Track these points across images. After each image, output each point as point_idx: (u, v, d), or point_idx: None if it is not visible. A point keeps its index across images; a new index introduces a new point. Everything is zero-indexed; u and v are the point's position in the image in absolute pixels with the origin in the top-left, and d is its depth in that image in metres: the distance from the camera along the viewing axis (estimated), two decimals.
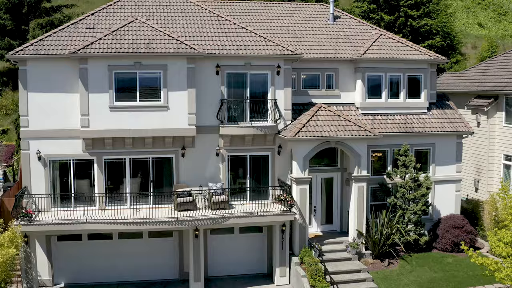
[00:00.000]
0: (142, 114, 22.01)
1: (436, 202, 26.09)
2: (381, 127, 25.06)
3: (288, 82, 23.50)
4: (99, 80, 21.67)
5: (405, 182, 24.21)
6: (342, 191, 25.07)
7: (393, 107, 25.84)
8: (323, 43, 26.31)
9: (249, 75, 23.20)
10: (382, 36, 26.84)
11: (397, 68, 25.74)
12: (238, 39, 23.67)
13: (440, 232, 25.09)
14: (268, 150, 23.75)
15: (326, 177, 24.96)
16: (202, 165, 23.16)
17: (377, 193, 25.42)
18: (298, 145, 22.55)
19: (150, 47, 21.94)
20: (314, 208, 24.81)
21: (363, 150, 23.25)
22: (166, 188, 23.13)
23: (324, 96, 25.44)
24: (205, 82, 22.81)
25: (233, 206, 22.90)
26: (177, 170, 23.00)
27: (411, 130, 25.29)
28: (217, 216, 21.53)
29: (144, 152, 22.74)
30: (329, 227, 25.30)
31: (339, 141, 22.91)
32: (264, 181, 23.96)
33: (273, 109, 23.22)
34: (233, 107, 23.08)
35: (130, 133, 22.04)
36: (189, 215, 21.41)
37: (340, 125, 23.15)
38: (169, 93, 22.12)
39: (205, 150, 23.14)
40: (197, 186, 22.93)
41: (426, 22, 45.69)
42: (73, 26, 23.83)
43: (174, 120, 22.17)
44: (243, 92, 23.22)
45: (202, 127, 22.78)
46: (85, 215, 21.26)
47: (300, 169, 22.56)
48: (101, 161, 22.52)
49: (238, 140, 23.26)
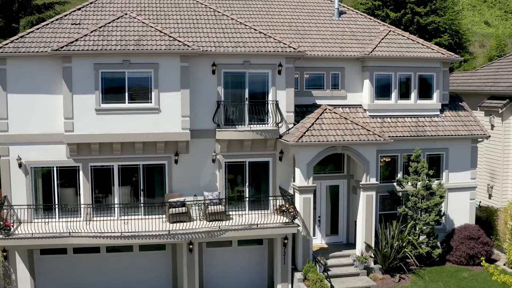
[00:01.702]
0: (132, 117, 20.22)
1: (449, 211, 24.29)
2: (390, 130, 23.24)
3: (291, 82, 21.68)
4: (84, 80, 19.90)
5: (417, 190, 22.37)
6: (348, 200, 23.24)
7: (403, 109, 24.02)
8: (328, 40, 24.47)
9: (248, 75, 21.40)
10: (391, 33, 25.02)
11: (407, 67, 23.93)
12: (236, 36, 21.85)
13: (454, 243, 23.29)
14: (269, 156, 21.94)
15: (331, 184, 23.14)
16: (197, 173, 21.35)
17: (386, 202, 23.59)
18: (301, 151, 20.71)
19: (140, 44, 20.13)
20: (319, 218, 22.99)
21: (372, 156, 21.41)
22: (158, 197, 21.33)
23: (329, 97, 23.61)
24: (200, 82, 21.00)
25: (231, 216, 21.09)
26: (170, 178, 21.20)
27: (423, 134, 23.47)
28: (212, 229, 19.71)
29: (133, 158, 20.94)
30: (334, 238, 23.47)
31: (346, 146, 21.07)
32: (265, 189, 22.16)
33: (274, 112, 21.40)
34: (231, 109, 21.27)
35: (118, 138, 20.25)
36: (182, 228, 19.60)
37: (347, 129, 21.31)
38: (161, 94, 20.32)
39: (200, 156, 21.34)
40: (191, 196, 21.16)
41: (433, 19, 43.87)
42: (58, 22, 22.10)
43: (166, 124, 20.38)
44: (241, 93, 21.42)
45: (197, 131, 20.98)
46: (69, 228, 19.48)
47: (303, 177, 20.73)
48: (87, 168, 20.75)
49: (236, 145, 21.46)
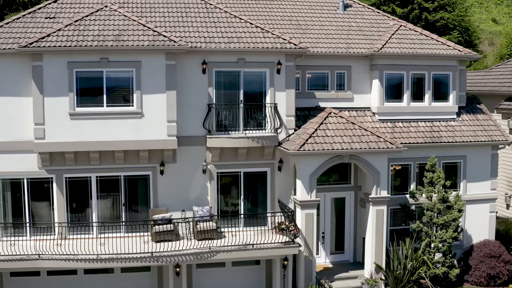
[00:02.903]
0: (111, 123, 17.84)
1: (467, 225, 21.88)
2: (402, 136, 20.82)
3: (291, 82, 19.28)
4: (56, 80, 17.54)
5: (432, 203, 19.95)
6: (356, 214, 20.81)
7: (416, 112, 21.60)
8: (333, 35, 22.03)
9: (243, 74, 19.01)
10: (402, 28, 22.61)
11: (421, 65, 21.52)
12: (229, 30, 19.45)
13: (473, 262, 20.88)
14: (267, 165, 19.52)
15: (336, 197, 20.73)
16: (186, 185, 18.96)
17: (397, 216, 21.18)
18: (303, 161, 18.30)
19: (119, 40, 17.74)
20: (322, 234, 20.59)
21: (383, 166, 18.98)
22: (141, 212, 18.93)
23: (334, 99, 21.18)
24: (188, 82, 18.62)
25: (224, 234, 18.69)
26: (155, 191, 18.80)
27: (439, 140, 21.06)
28: (202, 250, 17.31)
29: (114, 169, 18.55)
30: (340, 257, 21.04)
31: (354, 155, 18.65)
32: (262, 203, 19.75)
33: (273, 116, 19.01)
34: (224, 113, 18.87)
35: (96, 146, 17.87)
36: (168, 249, 17.20)
37: (355, 135, 18.90)
38: (144, 96, 17.94)
39: (189, 166, 18.94)
40: (179, 211, 18.77)
41: (442, 15, 41.57)
42: (30, 15, 19.75)
43: (150, 130, 17.99)
44: (235, 95, 19.03)
45: (185, 138, 18.59)
46: (40, 248, 17.04)
47: (305, 189, 18.32)
48: (61, 180, 18.39)
49: (230, 153, 19.06)
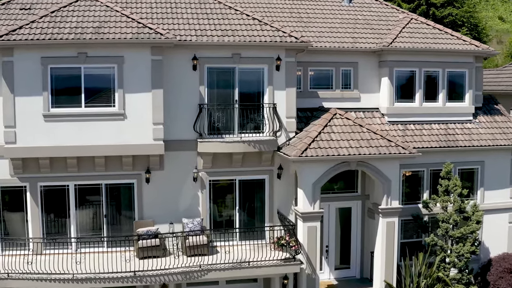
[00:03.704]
0: (90, 125, 15.94)
1: (484, 237, 19.98)
2: (414, 140, 18.91)
3: (292, 80, 17.39)
4: (29, 78, 15.66)
5: (448, 214, 18.03)
6: (363, 225, 18.87)
7: (429, 113, 19.70)
8: (337, 29, 20.13)
9: (238, 71, 17.12)
10: (413, 21, 20.69)
11: (434, 62, 19.62)
12: (223, 22, 17.54)
13: (491, 278, 18.98)
14: (265, 173, 17.62)
15: (341, 207, 18.80)
16: (174, 194, 17.06)
17: (408, 228, 19.27)
18: (305, 168, 16.38)
19: (100, 32, 15.84)
20: (326, 247, 18.67)
21: (394, 174, 17.07)
22: (125, 225, 17.04)
23: (339, 99, 19.27)
24: (177, 80, 16.72)
25: (216, 249, 16.76)
26: (140, 201, 16.90)
27: (455, 144, 19.14)
28: (192, 269, 15.40)
29: (94, 176, 16.66)
30: (345, 272, 19.11)
31: (362, 161, 16.73)
32: (260, 213, 17.84)
33: (271, 117, 17.11)
34: (217, 115, 16.96)
35: (74, 151, 15.98)
36: (153, 266, 15.29)
37: (363, 139, 16.98)
38: (127, 95, 16.04)
39: (178, 174, 17.04)
40: (166, 223, 16.89)
41: (450, 11, 39.70)
42: (4, 6, 17.92)
43: (134, 133, 16.10)
44: (230, 94, 17.14)
45: (174, 142, 16.71)
46: (12, 265, 15.15)
47: (308, 200, 16.40)
48: (35, 189, 16.51)
49: (224, 159, 17.16)
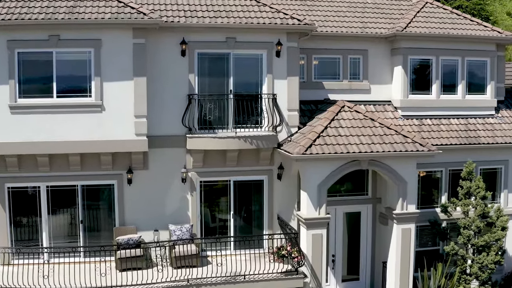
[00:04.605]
0: (63, 118, 13.92)
1: (508, 245, 17.94)
2: (432, 136, 16.89)
3: (294, 68, 15.37)
4: None
5: (470, 220, 15.99)
6: (374, 232, 16.82)
7: (447, 107, 17.69)
8: (345, 13, 18.07)
9: (233, 57, 15.10)
10: (428, 5, 18.65)
11: (453, 49, 17.61)
12: (216, 3, 15.50)
13: None
14: (263, 173, 15.59)
15: (350, 211, 16.76)
16: (160, 197, 15.03)
17: (423, 234, 17.25)
18: (309, 167, 14.33)
19: (74, 12, 13.81)
20: (333, 257, 16.63)
21: (411, 174, 14.99)
22: (104, 232, 15.01)
23: (347, 90, 17.25)
24: (163, 67, 14.70)
25: (208, 260, 14.73)
26: (121, 204, 14.86)
27: (477, 141, 17.11)
28: (178, 284, 13.35)
29: (69, 177, 14.62)
30: (354, 284, 17.06)
31: (374, 160, 14.67)
32: (257, 219, 15.81)
33: (271, 110, 15.07)
34: (208, 107, 14.91)
35: (45, 148, 13.95)
36: (135, 280, 13.24)
37: (375, 135, 14.92)
38: (105, 84, 14.01)
39: (165, 174, 15.01)
40: (151, 230, 14.85)
41: (460, 3, 37.99)
42: None
43: (113, 127, 14.08)
44: (223, 84, 15.12)
45: (159, 138, 14.69)
46: None
47: (312, 204, 14.35)
48: (2, 191, 14.53)
49: (217, 157, 15.14)
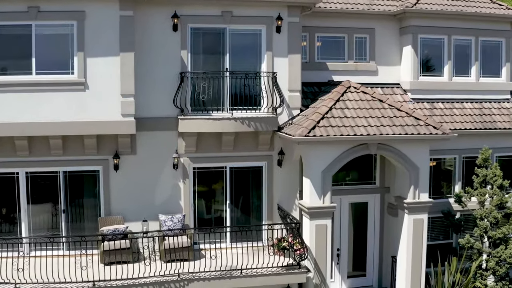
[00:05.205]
0: (43, 97, 12.69)
1: None
2: (445, 120, 15.67)
3: (296, 45, 14.15)
4: None
5: (487, 210, 14.77)
6: (382, 224, 15.59)
7: (460, 90, 16.50)
8: None
9: (229, 33, 13.88)
10: None
11: (466, 28, 16.43)
12: None
13: None
14: (262, 158, 14.37)
15: (356, 201, 15.54)
16: (149, 185, 13.80)
17: (435, 227, 16.04)
18: (313, 151, 13.10)
19: None
20: (338, 251, 15.41)
21: (424, 159, 13.75)
22: (88, 222, 13.77)
23: (353, 71, 16.01)
24: (153, 43, 13.48)
25: (202, 253, 13.50)
26: (106, 192, 13.62)
27: (493, 126, 15.93)
28: (168, 278, 12.12)
29: (49, 162, 13.39)
30: (360, 281, 15.82)
31: (384, 143, 13.45)
32: (256, 209, 14.60)
33: (271, 90, 13.84)
34: (202, 85, 13.67)
35: (23, 130, 12.73)
36: (121, 275, 12.01)
37: (385, 117, 13.69)
38: (88, 60, 12.78)
39: (154, 159, 13.78)
40: (139, 221, 13.62)
41: None
42: None
43: (97, 107, 12.85)
44: (219, 61, 13.89)
45: (148, 120, 13.48)
46: None
47: (316, 192, 13.12)
48: None
49: (211, 141, 13.93)
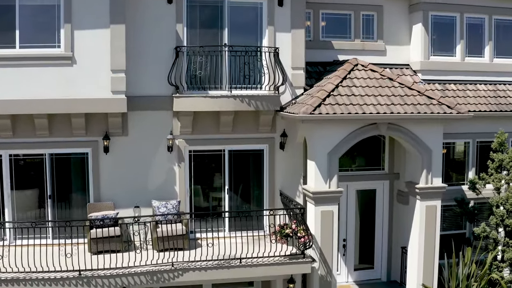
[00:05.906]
0: (27, 73, 11.75)
1: None
2: (457, 102, 14.70)
3: (299, 19, 13.20)
4: None
5: (504, 197, 13.82)
6: (391, 213, 14.66)
7: (473, 71, 15.57)
8: None
9: (228, 6, 12.96)
10: None
11: (479, 6, 15.51)
12: None
13: None
14: (264, 141, 13.43)
15: (363, 188, 14.61)
16: (142, 168, 12.85)
17: (447, 216, 15.11)
18: (318, 131, 12.17)
19: None
20: (344, 242, 14.47)
21: (437, 141, 12.81)
22: (76, 208, 12.82)
23: (360, 51, 15.04)
24: (146, 15, 12.54)
25: (198, 242, 12.55)
26: (96, 176, 12.66)
27: (509, 108, 15.02)
28: (162, 267, 11.18)
29: (34, 143, 12.44)
30: (368, 274, 14.90)
31: (394, 123, 12.51)
32: (257, 195, 13.65)
33: (272, 66, 12.89)
34: (199, 61, 12.72)
35: (6, 108, 11.80)
36: (110, 264, 11.07)
37: (395, 95, 12.76)
38: (76, 32, 11.84)
39: (147, 141, 12.84)
40: (131, 207, 12.68)
41: None
42: None
43: (86, 83, 11.91)
44: (217, 36, 12.95)
45: (141, 99, 12.54)
46: None
47: (322, 175, 12.18)
48: None
49: (208, 121, 12.99)
